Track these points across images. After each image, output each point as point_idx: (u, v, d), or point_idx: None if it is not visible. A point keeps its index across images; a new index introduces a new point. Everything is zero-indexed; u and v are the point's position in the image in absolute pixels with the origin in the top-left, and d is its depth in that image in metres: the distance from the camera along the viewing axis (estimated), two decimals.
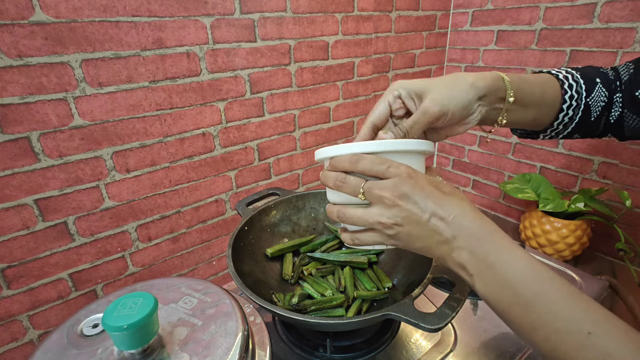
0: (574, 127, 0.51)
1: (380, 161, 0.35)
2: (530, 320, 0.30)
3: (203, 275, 0.90)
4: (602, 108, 0.50)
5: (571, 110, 0.49)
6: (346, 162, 0.36)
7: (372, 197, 0.35)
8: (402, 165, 0.35)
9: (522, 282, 0.31)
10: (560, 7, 0.93)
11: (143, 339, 0.33)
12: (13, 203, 0.60)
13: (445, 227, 0.33)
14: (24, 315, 0.66)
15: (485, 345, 0.60)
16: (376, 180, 0.35)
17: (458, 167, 1.34)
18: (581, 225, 0.93)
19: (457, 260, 0.33)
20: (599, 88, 0.49)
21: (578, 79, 0.49)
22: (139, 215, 0.74)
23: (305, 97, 0.92)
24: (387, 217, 0.34)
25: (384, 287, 0.63)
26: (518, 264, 0.31)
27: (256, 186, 0.91)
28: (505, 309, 0.32)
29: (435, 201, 0.34)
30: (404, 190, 0.33)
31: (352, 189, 0.36)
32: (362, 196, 0.35)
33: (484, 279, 0.32)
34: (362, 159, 0.35)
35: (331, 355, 0.57)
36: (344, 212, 0.37)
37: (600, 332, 0.27)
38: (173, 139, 0.74)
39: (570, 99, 0.49)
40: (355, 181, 0.36)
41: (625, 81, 0.48)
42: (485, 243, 0.33)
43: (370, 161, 0.35)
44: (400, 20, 1.05)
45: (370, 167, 0.35)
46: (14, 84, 0.56)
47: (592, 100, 0.49)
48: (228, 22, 0.74)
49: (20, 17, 0.54)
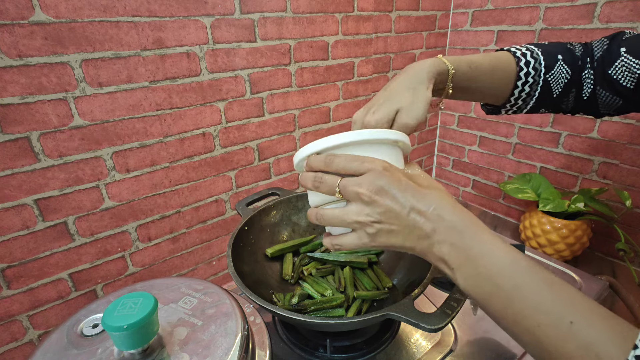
0: (537, 103, 0.53)
1: (354, 157, 0.34)
2: (512, 313, 0.30)
3: (203, 275, 0.90)
4: (564, 85, 0.51)
5: (527, 87, 0.51)
6: (321, 162, 0.36)
7: (349, 195, 0.34)
8: (378, 160, 0.34)
9: (502, 275, 0.30)
10: (560, 7, 0.93)
11: (143, 339, 0.33)
12: (13, 203, 0.60)
13: (424, 221, 0.33)
14: (24, 315, 0.66)
15: (485, 345, 0.60)
16: (351, 178, 0.34)
17: (458, 167, 1.34)
18: (581, 225, 0.93)
19: (438, 254, 0.33)
20: (559, 65, 0.50)
21: (538, 55, 0.51)
22: (139, 215, 0.74)
23: (305, 97, 0.92)
24: (365, 215, 0.34)
25: (384, 287, 0.63)
26: (498, 256, 0.31)
27: (256, 186, 0.91)
28: (487, 302, 0.31)
29: (414, 194, 0.33)
30: (380, 184, 0.33)
31: (328, 188, 0.35)
32: (339, 194, 0.35)
33: (465, 272, 0.32)
34: (336, 157, 0.35)
35: (331, 355, 0.57)
36: (322, 213, 0.37)
37: (582, 321, 0.27)
38: (173, 139, 0.74)
39: (525, 76, 0.50)
40: (331, 180, 0.35)
41: (598, 58, 0.49)
42: (465, 236, 0.32)
43: (344, 159, 0.35)
44: (400, 20, 1.06)
45: (344, 164, 0.34)
46: (14, 84, 0.56)
47: (552, 77, 0.50)
48: (228, 22, 0.74)
49: (20, 17, 0.54)
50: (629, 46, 0.46)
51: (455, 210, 0.33)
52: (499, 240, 0.32)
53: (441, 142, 1.38)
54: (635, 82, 0.46)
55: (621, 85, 0.47)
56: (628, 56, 0.46)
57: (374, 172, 0.33)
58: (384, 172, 0.33)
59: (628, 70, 0.46)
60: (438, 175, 1.43)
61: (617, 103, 0.49)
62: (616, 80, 0.47)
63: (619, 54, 0.47)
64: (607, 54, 0.48)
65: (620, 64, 0.46)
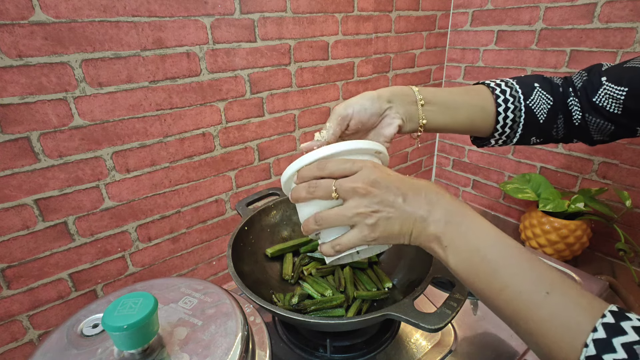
0: (525, 130, 0.54)
1: (346, 160, 0.37)
2: (496, 284, 0.32)
3: (203, 275, 0.90)
4: (548, 110, 0.52)
5: (510, 113, 0.52)
6: (314, 169, 0.38)
7: (346, 192, 0.36)
8: (367, 160, 0.38)
9: (490, 248, 0.33)
10: (560, 7, 0.93)
11: (143, 339, 0.33)
12: (13, 203, 0.60)
13: (418, 205, 0.35)
14: (24, 315, 0.66)
15: (485, 345, 0.60)
16: (345, 178, 0.37)
17: (458, 167, 1.34)
18: (581, 225, 0.93)
19: (433, 232, 0.35)
20: (538, 91, 0.52)
21: (513, 84, 0.53)
22: (139, 215, 0.74)
23: (305, 97, 0.92)
24: (364, 206, 0.36)
25: (384, 287, 0.63)
26: (486, 232, 0.34)
27: (256, 186, 0.91)
28: (474, 275, 0.34)
29: (404, 184, 0.36)
30: (373, 177, 0.35)
31: (325, 191, 0.37)
32: (336, 194, 0.37)
33: (457, 248, 0.34)
34: (329, 162, 0.37)
35: (331, 355, 0.57)
36: (321, 215, 0.38)
37: (557, 292, 0.30)
38: (173, 139, 0.74)
39: (504, 102, 0.52)
40: (326, 182, 0.37)
41: (580, 88, 0.51)
42: (457, 214, 0.35)
43: (336, 162, 0.37)
44: (400, 20, 1.05)
45: (338, 166, 0.37)
46: (14, 84, 0.56)
47: (533, 103, 0.52)
48: (228, 22, 0.74)
49: (20, 17, 0.54)
50: (608, 75, 0.48)
51: (445, 195, 0.36)
52: (484, 219, 0.35)
53: (441, 142, 1.38)
54: (622, 107, 0.47)
55: (608, 112, 0.48)
56: (609, 84, 0.48)
57: (366, 168, 0.36)
58: (374, 168, 0.36)
59: (612, 97, 0.47)
60: (438, 175, 1.43)
61: (609, 128, 0.50)
62: (602, 107, 0.49)
63: (600, 82, 0.48)
64: (589, 83, 0.50)
65: (603, 91, 0.48)
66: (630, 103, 0.46)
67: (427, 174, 1.43)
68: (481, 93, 0.53)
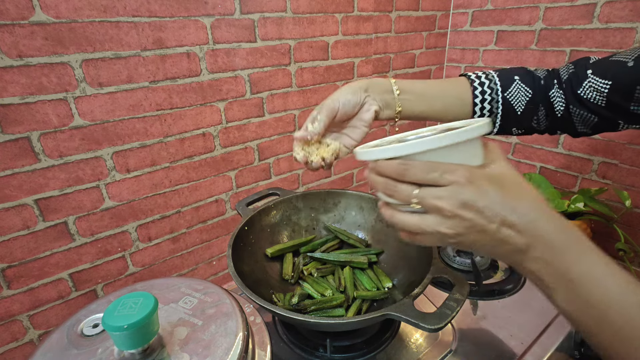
0: (503, 121, 0.56)
1: (431, 167, 0.30)
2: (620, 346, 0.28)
3: (203, 275, 0.90)
4: (526, 103, 0.54)
5: (487, 104, 0.55)
6: (392, 171, 0.32)
7: (428, 207, 0.31)
8: (458, 169, 0.30)
9: (613, 307, 0.27)
10: (560, 7, 0.93)
11: (143, 339, 0.33)
12: (13, 203, 0.60)
13: (516, 235, 0.29)
14: (24, 315, 0.66)
15: (485, 345, 0.60)
16: (430, 188, 0.31)
17: None
18: (581, 225, 0.93)
19: (532, 270, 0.30)
20: (517, 84, 0.54)
21: (493, 77, 0.55)
22: (139, 215, 0.74)
23: (306, 97, 0.92)
24: (446, 227, 0.30)
25: (384, 287, 0.63)
26: (606, 283, 0.28)
27: (256, 186, 0.91)
28: (592, 331, 0.29)
29: (504, 206, 0.29)
30: (464, 198, 0.29)
31: (403, 198, 0.32)
32: (417, 205, 0.32)
33: (565, 295, 0.29)
34: (410, 167, 0.31)
35: (331, 355, 0.57)
36: (398, 217, 0.34)
37: None
38: (173, 139, 0.74)
39: (482, 94, 0.54)
40: (406, 189, 0.32)
41: (566, 80, 0.52)
42: (565, 254, 0.29)
43: (420, 169, 0.31)
44: (400, 21, 1.06)
45: (421, 175, 0.31)
46: (15, 84, 0.56)
47: (511, 95, 0.54)
48: (228, 23, 0.74)
49: (20, 17, 0.54)
50: (594, 68, 0.49)
51: (554, 222, 0.30)
52: (604, 258, 0.29)
53: None
54: (605, 100, 0.48)
55: (592, 104, 0.49)
56: (594, 77, 0.48)
57: (457, 185, 0.30)
58: (467, 184, 0.30)
59: (596, 90, 0.48)
60: None
61: (592, 120, 0.51)
62: (586, 99, 0.50)
63: (585, 75, 0.49)
64: (574, 76, 0.51)
65: (587, 84, 0.49)
66: (614, 96, 0.47)
67: None
68: (460, 84, 0.56)
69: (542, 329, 0.63)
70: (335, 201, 0.76)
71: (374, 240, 0.74)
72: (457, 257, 0.80)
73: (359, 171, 1.15)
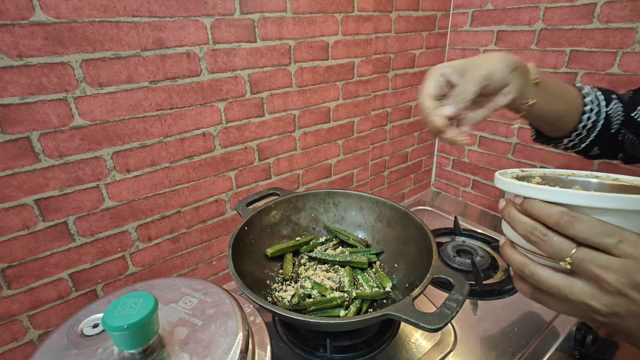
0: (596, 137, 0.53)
1: (608, 231, 0.25)
2: None
3: (203, 275, 0.90)
4: (621, 122, 0.52)
5: (594, 114, 0.51)
6: (552, 217, 0.27)
7: (584, 272, 0.26)
8: None
9: None
10: (560, 7, 0.94)
11: (143, 339, 0.33)
12: (13, 203, 0.60)
13: None
14: (24, 315, 0.66)
15: (485, 345, 0.60)
16: (595, 252, 0.26)
17: (458, 167, 1.34)
18: None
19: None
20: (616, 102, 0.52)
21: (595, 89, 0.53)
22: (139, 215, 0.74)
23: (305, 97, 0.92)
24: (601, 303, 0.26)
25: (384, 287, 0.63)
26: None
27: (256, 186, 0.91)
28: None
29: None
30: (638, 279, 0.25)
31: (554, 252, 0.27)
32: (568, 265, 0.27)
33: None
34: (578, 222, 0.26)
35: (331, 355, 0.57)
36: (534, 269, 0.29)
37: None
38: (173, 139, 0.74)
39: (591, 102, 0.51)
40: (562, 244, 0.27)
41: (625, 102, 0.52)
42: None
43: (591, 228, 0.26)
44: (400, 21, 1.06)
45: (591, 236, 0.26)
46: (14, 84, 0.56)
47: (612, 111, 0.52)
48: (228, 23, 0.74)
49: (20, 17, 0.54)
50: None
51: None
52: None
53: (441, 142, 1.38)
54: None
55: None
56: None
57: (633, 259, 0.25)
58: None
59: None
60: (438, 175, 1.43)
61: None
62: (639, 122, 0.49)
63: None
64: (632, 99, 0.51)
65: None
66: None
67: (427, 174, 1.43)
68: (570, 87, 0.51)
69: (542, 329, 0.63)
70: (335, 201, 0.76)
71: (374, 240, 0.74)
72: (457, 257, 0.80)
73: (358, 171, 1.15)
